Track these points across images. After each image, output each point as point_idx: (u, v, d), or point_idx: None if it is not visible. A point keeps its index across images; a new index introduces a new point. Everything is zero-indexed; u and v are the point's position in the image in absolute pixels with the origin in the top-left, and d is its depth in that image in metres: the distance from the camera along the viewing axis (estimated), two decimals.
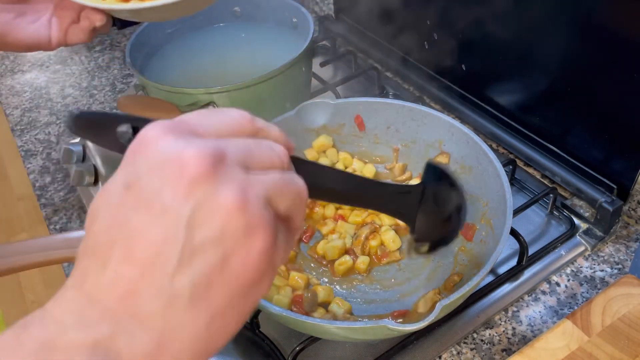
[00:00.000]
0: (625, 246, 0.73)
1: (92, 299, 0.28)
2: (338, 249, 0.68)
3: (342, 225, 0.71)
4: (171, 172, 0.28)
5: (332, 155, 0.78)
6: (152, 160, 0.28)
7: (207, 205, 0.28)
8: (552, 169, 0.79)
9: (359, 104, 0.76)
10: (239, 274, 0.28)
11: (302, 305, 0.62)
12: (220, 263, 0.28)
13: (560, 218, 0.76)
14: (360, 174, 0.77)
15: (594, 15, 0.66)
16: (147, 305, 0.27)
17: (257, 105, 0.80)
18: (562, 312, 0.66)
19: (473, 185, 0.69)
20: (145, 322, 0.27)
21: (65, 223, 0.85)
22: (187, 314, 0.28)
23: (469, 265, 0.65)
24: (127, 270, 0.27)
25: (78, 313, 0.27)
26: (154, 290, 0.27)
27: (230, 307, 0.29)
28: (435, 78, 0.96)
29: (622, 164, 0.71)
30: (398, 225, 0.71)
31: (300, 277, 0.65)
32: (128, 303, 0.27)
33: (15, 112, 1.10)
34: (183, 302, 0.27)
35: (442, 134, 0.73)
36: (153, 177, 0.28)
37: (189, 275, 0.27)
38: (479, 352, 0.63)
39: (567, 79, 0.73)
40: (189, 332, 0.28)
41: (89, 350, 0.26)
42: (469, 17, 0.84)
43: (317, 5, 1.26)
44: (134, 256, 0.27)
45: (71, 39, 0.64)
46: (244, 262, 0.28)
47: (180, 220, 0.27)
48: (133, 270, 0.27)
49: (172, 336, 0.28)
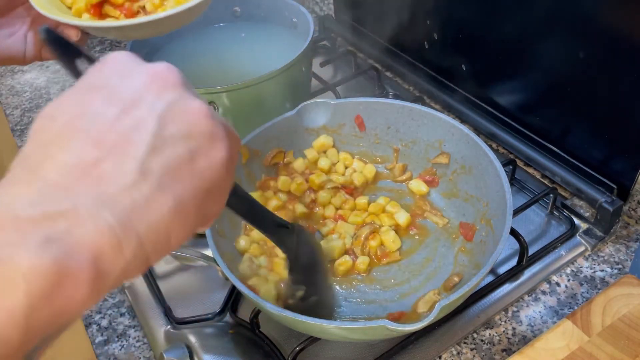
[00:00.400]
0: (625, 246, 0.73)
1: (49, 181, 0.27)
2: (338, 249, 0.68)
3: (342, 226, 0.71)
4: (145, 77, 0.30)
5: (332, 155, 0.78)
6: (123, 70, 0.31)
7: (179, 106, 0.30)
8: (552, 169, 0.79)
9: (359, 104, 0.76)
10: (203, 172, 0.31)
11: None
12: (187, 157, 0.30)
13: (560, 218, 0.76)
14: (360, 174, 0.77)
15: (594, 15, 0.66)
16: (113, 184, 0.28)
17: (257, 105, 0.80)
18: (562, 312, 0.66)
19: (473, 186, 0.69)
20: (109, 201, 0.27)
21: None
22: (155, 195, 0.29)
23: (468, 266, 0.65)
24: (93, 153, 0.28)
25: (33, 193, 0.27)
26: (122, 172, 0.28)
27: (192, 202, 0.30)
28: (435, 78, 0.96)
29: (622, 164, 0.71)
30: (398, 226, 0.71)
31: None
32: (91, 183, 0.27)
33: (15, 112, 1.10)
34: (152, 183, 0.28)
35: (442, 134, 0.73)
36: (125, 81, 0.30)
37: (159, 161, 0.29)
38: (479, 352, 0.63)
39: (567, 79, 0.73)
40: (154, 215, 0.28)
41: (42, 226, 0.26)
42: (469, 17, 0.84)
43: (317, 5, 1.26)
44: (102, 141, 0.28)
45: (45, 54, 0.64)
46: (209, 164, 0.31)
47: (153, 113, 0.29)
48: (99, 153, 0.28)
49: (138, 217, 0.28)
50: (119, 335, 0.69)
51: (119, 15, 0.67)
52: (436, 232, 0.71)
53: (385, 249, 0.69)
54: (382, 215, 0.72)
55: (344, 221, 0.72)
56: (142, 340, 0.68)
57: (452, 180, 0.73)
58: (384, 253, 0.69)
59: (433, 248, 0.70)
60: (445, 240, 0.70)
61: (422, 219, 0.73)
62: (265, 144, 0.75)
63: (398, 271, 0.68)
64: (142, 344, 0.68)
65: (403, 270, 0.68)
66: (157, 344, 0.66)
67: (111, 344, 0.68)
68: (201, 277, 0.73)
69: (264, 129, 0.74)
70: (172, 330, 0.67)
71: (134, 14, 0.66)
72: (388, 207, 0.73)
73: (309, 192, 0.75)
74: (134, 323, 0.70)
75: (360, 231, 0.70)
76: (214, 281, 0.72)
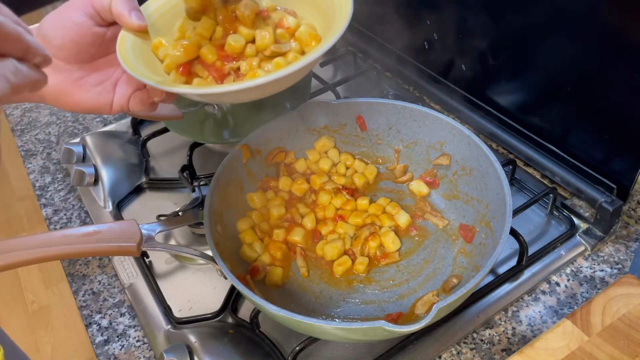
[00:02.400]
0: (625, 246, 0.73)
1: None
2: (337, 250, 0.68)
3: (341, 226, 0.71)
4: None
5: (333, 155, 0.78)
6: None
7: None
8: (552, 169, 0.79)
9: (360, 104, 0.76)
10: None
11: (255, 275, 0.67)
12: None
13: (560, 218, 0.76)
14: (362, 175, 0.77)
15: (594, 15, 0.66)
16: None
17: (257, 105, 0.80)
18: (562, 312, 0.66)
19: (474, 187, 0.69)
20: None
21: (65, 223, 0.85)
22: None
23: (467, 268, 0.65)
24: None
25: None
26: None
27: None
28: (435, 78, 0.96)
29: (622, 164, 0.72)
30: (398, 227, 0.72)
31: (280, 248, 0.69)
32: None
33: (15, 112, 1.10)
34: None
35: (443, 136, 0.73)
36: None
37: None
38: (479, 352, 0.63)
39: (567, 79, 0.73)
40: None
41: None
42: (468, 17, 0.84)
43: None
44: None
45: (133, 107, 0.59)
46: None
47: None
48: None
49: None
50: (119, 335, 0.69)
51: (207, 76, 0.58)
52: (436, 234, 0.72)
53: (384, 250, 0.69)
54: (382, 216, 0.72)
55: (344, 222, 0.72)
56: (142, 340, 0.68)
57: (453, 182, 0.73)
58: (384, 254, 0.69)
59: (432, 249, 0.70)
60: (444, 242, 0.70)
61: (422, 220, 0.73)
62: (266, 144, 0.75)
63: (397, 272, 0.68)
64: (142, 344, 0.68)
65: (402, 271, 0.68)
66: (157, 344, 0.66)
67: (111, 344, 0.68)
68: (201, 277, 0.73)
69: (265, 128, 0.74)
70: (172, 330, 0.67)
71: (224, 77, 0.58)
72: (388, 208, 0.73)
73: (309, 192, 0.75)
74: (134, 323, 0.70)
75: (360, 232, 0.70)
76: (214, 281, 0.72)
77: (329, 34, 0.56)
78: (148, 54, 0.57)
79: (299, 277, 0.68)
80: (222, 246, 0.63)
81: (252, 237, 0.70)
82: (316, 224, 0.73)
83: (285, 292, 0.67)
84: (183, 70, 0.58)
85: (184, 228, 0.76)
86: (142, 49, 0.57)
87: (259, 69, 0.57)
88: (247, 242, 0.69)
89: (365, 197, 0.75)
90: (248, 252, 0.68)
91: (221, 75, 0.58)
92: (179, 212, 0.74)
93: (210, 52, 0.57)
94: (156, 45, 0.58)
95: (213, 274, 0.73)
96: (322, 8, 0.60)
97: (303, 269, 0.68)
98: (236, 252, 0.68)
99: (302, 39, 0.58)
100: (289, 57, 0.57)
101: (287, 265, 0.69)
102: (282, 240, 0.70)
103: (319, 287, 0.67)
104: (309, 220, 0.72)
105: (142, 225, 0.60)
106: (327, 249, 0.68)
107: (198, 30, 0.58)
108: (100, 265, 0.78)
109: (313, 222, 0.72)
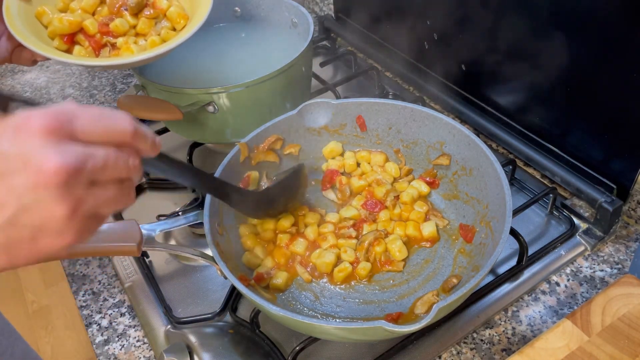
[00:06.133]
0: (625, 246, 0.73)
1: None
2: (332, 265, 0.67)
3: (342, 243, 0.70)
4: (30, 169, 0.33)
5: (349, 158, 0.79)
6: (20, 148, 0.34)
7: (43, 206, 0.34)
8: (552, 169, 0.79)
9: (360, 104, 0.76)
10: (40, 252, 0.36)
11: (260, 282, 0.66)
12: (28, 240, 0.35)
13: (560, 218, 0.76)
14: (385, 171, 0.77)
15: (594, 16, 0.66)
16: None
17: (257, 105, 0.80)
18: (562, 312, 0.66)
19: (473, 187, 0.69)
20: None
21: None
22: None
23: (467, 268, 0.65)
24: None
25: None
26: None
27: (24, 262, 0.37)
28: (435, 78, 0.96)
29: (622, 164, 0.72)
30: (409, 237, 0.71)
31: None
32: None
33: None
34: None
35: (443, 136, 0.73)
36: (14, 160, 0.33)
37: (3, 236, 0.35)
38: (478, 352, 0.63)
39: (567, 79, 0.73)
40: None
41: None
42: (468, 18, 0.84)
43: (317, 5, 1.26)
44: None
45: (15, 60, 0.70)
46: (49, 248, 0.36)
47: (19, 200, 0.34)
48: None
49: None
50: (119, 335, 0.69)
51: (87, 46, 0.72)
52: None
53: (389, 256, 0.69)
54: (395, 223, 0.71)
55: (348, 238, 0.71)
56: (142, 340, 0.68)
57: (453, 182, 0.73)
58: (388, 260, 0.68)
59: (432, 249, 0.70)
60: (444, 242, 0.70)
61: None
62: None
63: (397, 272, 0.68)
64: (142, 344, 0.68)
65: (402, 272, 0.68)
66: (157, 344, 0.66)
67: (111, 344, 0.68)
68: (201, 277, 0.73)
69: (265, 128, 0.74)
70: (172, 330, 0.67)
71: (101, 47, 0.72)
72: (412, 215, 0.72)
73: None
74: (134, 323, 0.70)
75: (364, 237, 0.69)
76: (214, 281, 0.72)
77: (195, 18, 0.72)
78: (33, 19, 0.70)
79: (300, 278, 0.68)
80: (222, 246, 0.63)
81: (254, 242, 0.69)
82: (318, 236, 0.71)
83: (286, 292, 0.67)
84: (67, 39, 0.71)
85: (184, 228, 0.76)
86: (27, 14, 0.69)
87: (134, 44, 0.72)
88: (249, 248, 0.69)
89: (386, 210, 0.73)
90: (251, 258, 0.68)
91: (98, 46, 0.72)
92: (179, 212, 0.74)
93: (92, 26, 0.71)
94: (40, 12, 0.71)
95: (213, 274, 0.73)
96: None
97: (305, 274, 0.68)
98: (236, 252, 0.68)
99: (173, 17, 0.74)
100: (161, 32, 0.73)
101: (292, 270, 0.68)
102: (285, 245, 0.70)
103: (319, 287, 0.67)
104: (312, 232, 0.71)
105: (143, 226, 0.60)
106: (320, 265, 0.67)
107: (83, 6, 0.72)
108: (100, 265, 0.78)
109: (316, 232, 0.71)
